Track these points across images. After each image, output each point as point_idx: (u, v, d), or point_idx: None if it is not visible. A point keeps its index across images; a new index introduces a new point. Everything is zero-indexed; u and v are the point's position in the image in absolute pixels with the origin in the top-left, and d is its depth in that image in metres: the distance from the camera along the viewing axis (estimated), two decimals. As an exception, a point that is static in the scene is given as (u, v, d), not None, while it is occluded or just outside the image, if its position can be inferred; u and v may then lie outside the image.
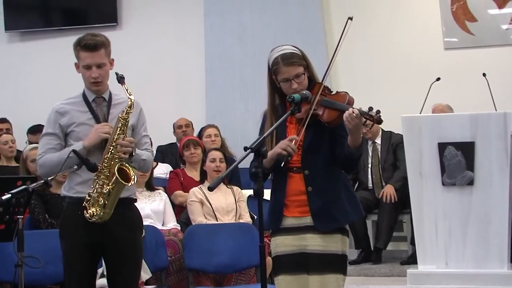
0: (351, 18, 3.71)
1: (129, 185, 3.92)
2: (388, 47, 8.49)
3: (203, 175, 6.28)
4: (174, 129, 8.49)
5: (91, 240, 3.95)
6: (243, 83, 8.69)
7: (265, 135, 3.46)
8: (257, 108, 7.99)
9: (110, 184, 3.88)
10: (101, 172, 3.90)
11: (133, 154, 3.97)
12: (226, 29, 8.84)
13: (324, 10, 8.68)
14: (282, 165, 3.61)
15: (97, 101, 4.09)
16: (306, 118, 3.61)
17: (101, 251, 4.04)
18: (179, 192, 6.58)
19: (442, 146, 5.60)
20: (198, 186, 6.18)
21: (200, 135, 7.80)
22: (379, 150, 7.35)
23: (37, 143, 7.91)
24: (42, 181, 3.77)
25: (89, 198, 3.90)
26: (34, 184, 3.77)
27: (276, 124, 3.53)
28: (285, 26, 8.57)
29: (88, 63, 3.98)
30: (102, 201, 3.87)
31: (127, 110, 3.96)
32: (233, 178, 6.55)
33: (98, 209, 3.87)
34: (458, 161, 5.55)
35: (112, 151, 3.90)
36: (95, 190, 3.89)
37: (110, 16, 9.38)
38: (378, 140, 7.39)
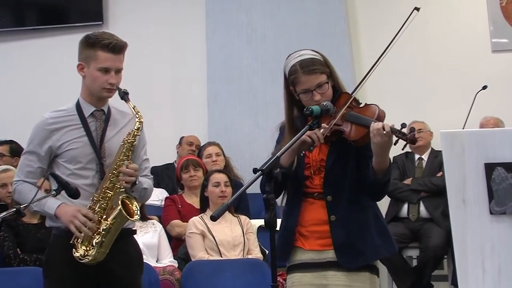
0: (417, 9, 3.63)
1: (133, 219, 3.92)
2: (425, 50, 8.48)
3: (204, 202, 6.26)
4: (180, 144, 8.47)
5: (82, 279, 3.93)
6: (252, 93, 8.70)
7: (277, 154, 3.38)
8: (268, 123, 7.98)
9: (109, 219, 3.87)
10: (97, 202, 3.89)
11: (136, 182, 3.96)
12: (231, 30, 8.84)
13: (349, 7, 8.69)
14: (302, 154, 3.61)
15: (96, 115, 4.07)
16: (329, 135, 3.58)
17: None
18: (177, 221, 6.57)
19: (489, 168, 5.53)
20: (199, 215, 6.17)
21: (199, 155, 7.75)
22: (423, 167, 7.36)
23: (3, 154, 7.97)
24: (14, 209, 3.67)
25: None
26: (4, 213, 3.67)
27: (291, 142, 3.48)
28: (302, 26, 8.57)
29: (108, 66, 4.00)
30: (99, 239, 3.85)
31: (135, 132, 3.96)
32: (240, 206, 6.54)
33: (91, 248, 3.85)
34: (509, 185, 5.51)
35: (113, 179, 3.90)
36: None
37: (94, 14, 9.37)
38: (425, 157, 7.40)
